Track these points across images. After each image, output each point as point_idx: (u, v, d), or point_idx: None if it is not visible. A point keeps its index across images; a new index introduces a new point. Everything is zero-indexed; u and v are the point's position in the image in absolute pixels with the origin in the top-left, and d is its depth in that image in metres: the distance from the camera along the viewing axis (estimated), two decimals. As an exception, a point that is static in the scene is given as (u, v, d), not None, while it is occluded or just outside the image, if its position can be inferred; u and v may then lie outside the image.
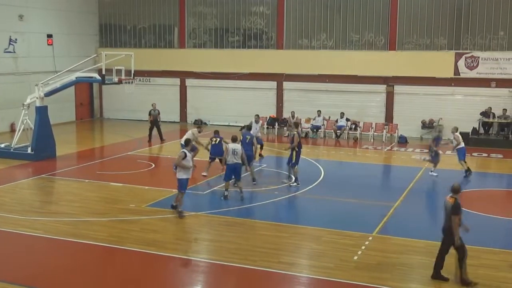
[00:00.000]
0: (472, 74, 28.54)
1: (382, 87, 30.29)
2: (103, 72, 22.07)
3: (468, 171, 20.34)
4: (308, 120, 30.37)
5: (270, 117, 31.44)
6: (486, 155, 24.77)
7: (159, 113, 27.18)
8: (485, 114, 28.01)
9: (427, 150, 22.04)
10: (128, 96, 28.82)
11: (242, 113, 31.35)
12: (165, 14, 34.73)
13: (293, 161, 18.23)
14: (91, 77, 23.55)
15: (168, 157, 23.37)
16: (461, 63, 28.68)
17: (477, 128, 28.09)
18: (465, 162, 20.49)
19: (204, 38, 34.26)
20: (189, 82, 34.18)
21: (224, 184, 16.70)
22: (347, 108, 29.81)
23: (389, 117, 30.14)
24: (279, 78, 32.03)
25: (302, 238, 13.30)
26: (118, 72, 22.75)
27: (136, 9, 35.25)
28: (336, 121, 29.46)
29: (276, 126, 30.91)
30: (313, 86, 31.28)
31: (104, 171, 20.52)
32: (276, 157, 23.94)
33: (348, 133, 29.27)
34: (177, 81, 34.39)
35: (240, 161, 16.39)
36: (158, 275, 11.00)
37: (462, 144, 20.70)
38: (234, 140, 16.68)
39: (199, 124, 20.31)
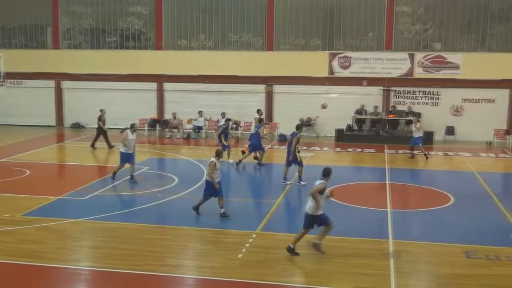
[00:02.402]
0: (345, 73, 29.95)
1: (262, 87, 30.96)
2: (-30, 75, 20.72)
3: (425, 155, 23.78)
4: (189, 121, 30.35)
5: (151, 118, 31.06)
6: (360, 150, 26.08)
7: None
8: (359, 112, 29.49)
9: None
10: (-2, 100, 27.24)
11: (121, 116, 30.67)
12: (36, 13, 33.18)
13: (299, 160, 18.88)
14: (-44, 80, 22.01)
15: (43, 163, 22.39)
16: (335, 63, 30.00)
17: (351, 125, 29.51)
18: (420, 147, 23.84)
19: (80, 38, 33.17)
20: (65, 84, 32.90)
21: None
22: (228, 108, 30.14)
23: (269, 116, 30.86)
24: (159, 79, 31.74)
25: (187, 239, 13.27)
26: (-13, 74, 21.46)
27: (5, 8, 33.34)
28: (217, 121, 29.67)
29: (158, 127, 30.57)
30: (193, 87, 31.32)
31: (-26, 180, 19.21)
32: (158, 159, 23.71)
33: (230, 133, 29.53)
34: (51, 83, 32.97)
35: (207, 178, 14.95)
36: (37, 287, 10.50)
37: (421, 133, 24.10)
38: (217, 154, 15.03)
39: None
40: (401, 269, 11.35)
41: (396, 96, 30.02)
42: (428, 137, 28.05)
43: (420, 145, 23.84)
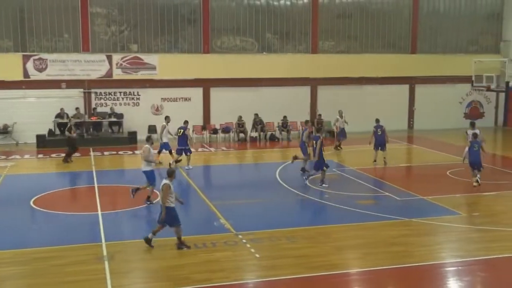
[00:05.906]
0: (42, 76, 28.72)
1: None
2: None
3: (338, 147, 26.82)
4: None
5: None
6: (64, 155, 25.27)
7: None
8: (60, 115, 28.58)
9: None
10: None
11: None
12: None
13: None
14: None
15: None
16: (30, 65, 28.54)
17: (53, 130, 28.48)
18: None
19: None
20: None
21: None
22: None
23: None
24: None
25: None
26: None
27: None
28: None
29: None
30: None
31: None
32: None
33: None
34: None
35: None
36: None
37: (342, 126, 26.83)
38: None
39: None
40: (116, 270, 11.44)
41: (97, 98, 29.87)
42: (131, 137, 28.63)
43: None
